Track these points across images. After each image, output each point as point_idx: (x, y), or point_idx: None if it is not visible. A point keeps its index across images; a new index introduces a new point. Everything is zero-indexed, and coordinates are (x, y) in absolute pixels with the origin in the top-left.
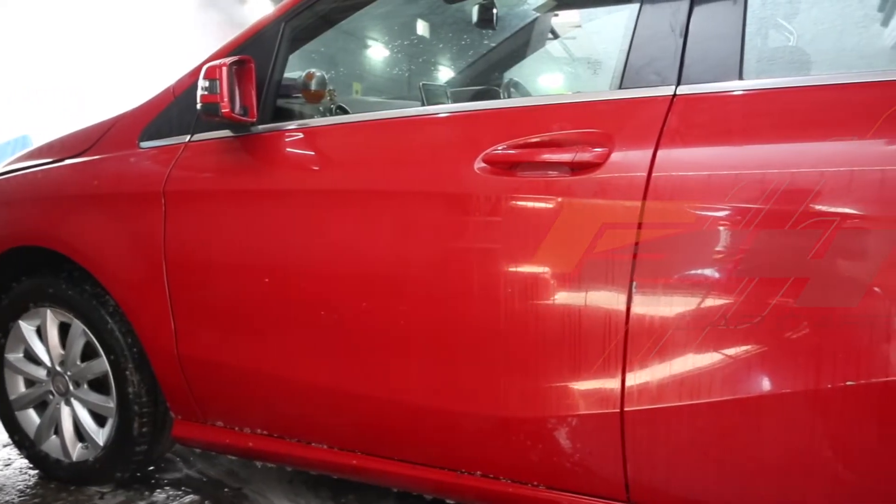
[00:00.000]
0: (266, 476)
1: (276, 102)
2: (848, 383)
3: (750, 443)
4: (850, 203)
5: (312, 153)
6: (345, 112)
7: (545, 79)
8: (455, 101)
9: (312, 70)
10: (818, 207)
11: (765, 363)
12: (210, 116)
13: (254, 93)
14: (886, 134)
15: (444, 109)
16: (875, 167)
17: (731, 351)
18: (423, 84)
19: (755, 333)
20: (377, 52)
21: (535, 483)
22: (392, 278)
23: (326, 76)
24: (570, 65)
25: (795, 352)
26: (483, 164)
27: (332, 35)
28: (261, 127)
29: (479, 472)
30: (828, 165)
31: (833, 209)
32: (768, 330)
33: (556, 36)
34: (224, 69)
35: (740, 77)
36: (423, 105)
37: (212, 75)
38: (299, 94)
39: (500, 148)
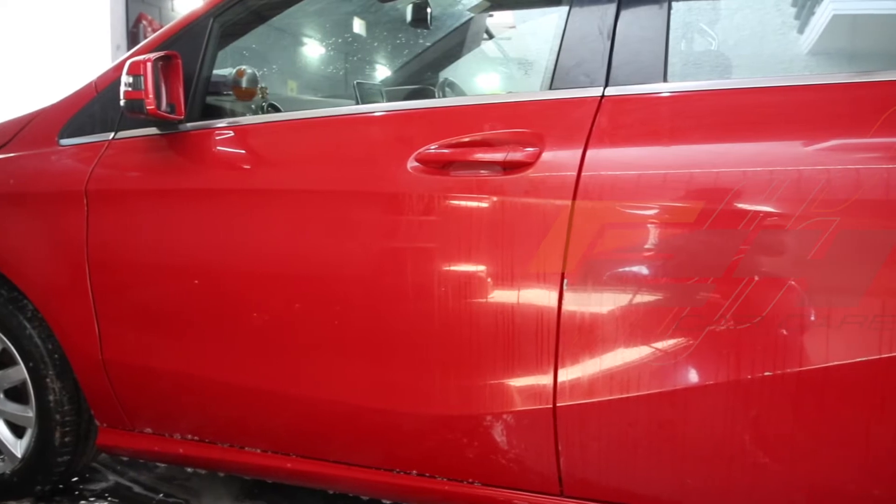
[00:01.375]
0: (201, 482)
1: (206, 100)
2: (766, 374)
3: (678, 434)
4: (771, 201)
5: (243, 152)
6: (277, 110)
7: (480, 79)
8: (390, 100)
9: (243, 67)
10: (740, 206)
11: (691, 357)
12: (134, 113)
13: (181, 89)
14: (803, 135)
15: (377, 108)
16: (793, 167)
17: (659, 345)
18: (358, 83)
19: (682, 328)
20: (313, 50)
21: (471, 480)
22: (326, 278)
23: (258, 73)
24: (505, 65)
25: (720, 345)
26: (416, 164)
27: (265, 31)
28: (189, 125)
29: (415, 472)
30: (749, 165)
31: (754, 207)
32: (694, 324)
33: (490, 36)
34: (149, 65)
35: (665, 79)
36: (357, 104)
37: (136, 71)
38: (230, 92)
39: (432, 147)
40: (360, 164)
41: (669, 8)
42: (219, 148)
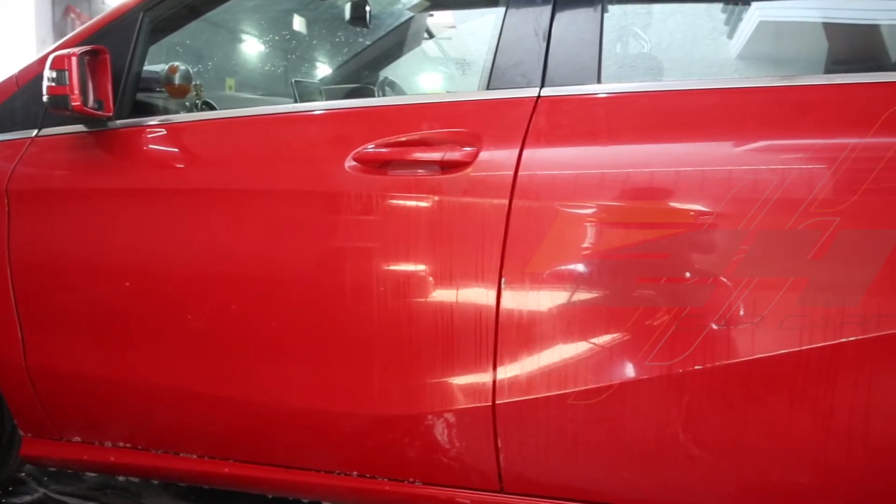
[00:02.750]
0: (139, 487)
1: (136, 96)
2: (697, 367)
3: (614, 429)
4: (702, 200)
5: (176, 151)
6: (212, 108)
7: (420, 78)
8: (329, 98)
9: (176, 63)
10: (673, 205)
11: (627, 353)
12: (59, 110)
13: (109, 85)
14: (734, 136)
15: (315, 107)
16: (723, 167)
17: (596, 342)
18: (296, 81)
19: (617, 323)
20: (251, 47)
21: (412, 480)
22: (262, 279)
23: (192, 70)
24: (445, 65)
25: (655, 341)
26: (354, 163)
27: (200, 27)
28: (118, 122)
29: (355, 473)
30: (681, 165)
31: (687, 206)
32: (631, 321)
33: (431, 36)
34: (74, 59)
35: (599, 81)
36: (295, 102)
37: (60, 65)
38: (162, 89)
39: (370, 147)
40: (297, 164)
41: (603, 11)
42: (150, 146)
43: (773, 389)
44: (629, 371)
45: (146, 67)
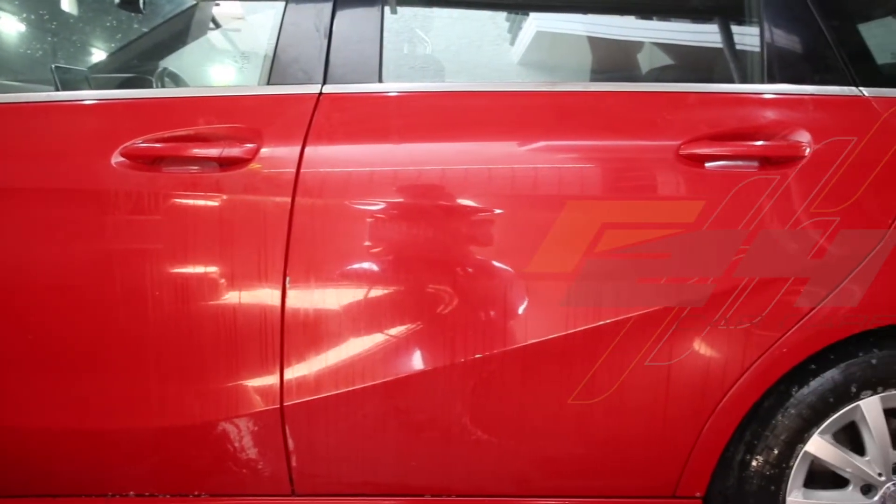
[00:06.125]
0: None
1: None
2: (477, 356)
3: (405, 421)
4: (472, 197)
5: None
6: None
7: (205, 70)
8: (98, 88)
9: None
10: (451, 202)
11: (412, 345)
12: None
13: None
14: (509, 136)
15: (79, 96)
16: (495, 165)
17: (383, 335)
18: (57, 67)
19: (403, 316)
20: (6, 25)
21: (198, 493)
22: (18, 287)
23: None
24: (232, 57)
25: (439, 333)
26: (121, 159)
27: None
28: None
29: (132, 493)
30: (455, 163)
31: (464, 203)
32: (417, 312)
33: (217, 26)
34: None
35: (380, 80)
36: (56, 90)
37: None
38: None
39: (139, 141)
40: (57, 159)
41: (383, 11)
42: None
43: (537, 374)
44: (416, 363)
45: None
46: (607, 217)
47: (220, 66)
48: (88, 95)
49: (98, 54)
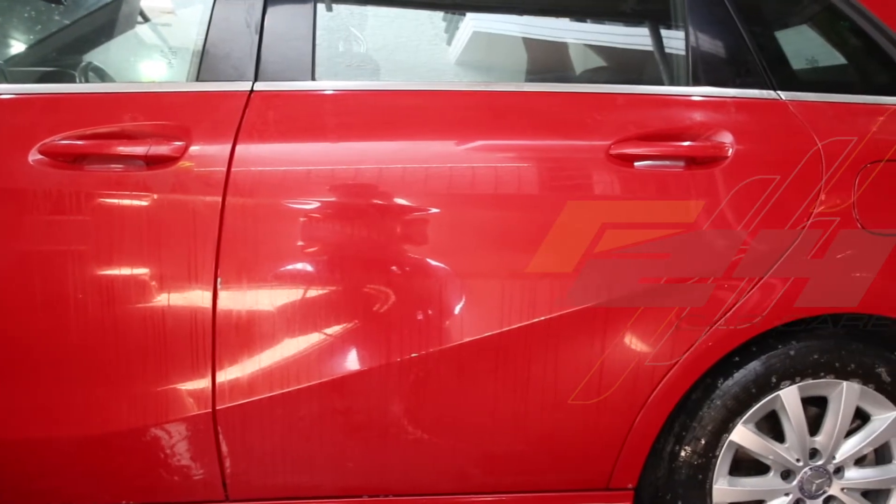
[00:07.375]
0: None
1: None
2: (413, 355)
3: (341, 422)
4: (408, 196)
5: None
6: None
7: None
8: (15, 82)
9: None
10: (383, 201)
11: (347, 345)
12: None
13: None
14: (445, 136)
15: None
16: (427, 164)
17: (317, 336)
18: None
19: (338, 317)
20: None
21: (126, 502)
22: None
23: None
24: (160, 52)
25: (375, 332)
26: (39, 156)
27: None
28: None
29: None
30: (388, 162)
31: (397, 202)
32: (352, 313)
33: (146, 19)
34: None
35: (313, 78)
36: None
37: None
38: None
39: (58, 138)
40: None
41: (315, 8)
42: None
43: (472, 373)
44: (352, 364)
45: None
46: (548, 216)
47: (147, 61)
48: (4, 90)
49: (16, 46)
